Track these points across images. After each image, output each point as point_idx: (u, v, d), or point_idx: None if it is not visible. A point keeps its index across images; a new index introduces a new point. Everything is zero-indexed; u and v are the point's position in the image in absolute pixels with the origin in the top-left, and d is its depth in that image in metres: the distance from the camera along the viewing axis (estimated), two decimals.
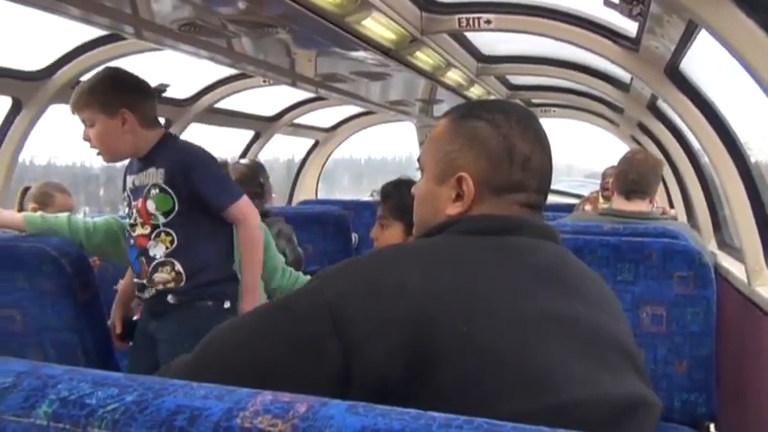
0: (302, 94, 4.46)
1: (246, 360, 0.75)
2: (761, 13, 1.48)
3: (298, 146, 5.73)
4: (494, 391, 0.70)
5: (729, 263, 2.71)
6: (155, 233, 1.80)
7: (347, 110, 5.21)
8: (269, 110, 4.66)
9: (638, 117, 4.02)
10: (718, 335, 2.02)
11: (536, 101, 5.13)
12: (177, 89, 3.50)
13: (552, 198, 2.58)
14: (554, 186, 3.75)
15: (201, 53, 2.51)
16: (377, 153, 11.61)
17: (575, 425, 0.60)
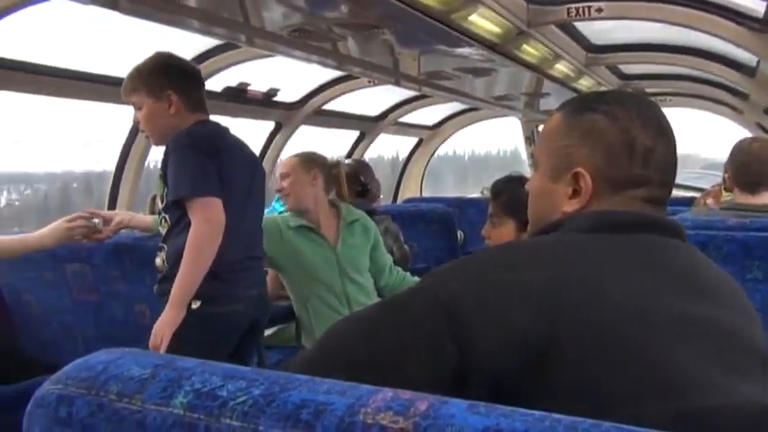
0: (406, 93, 4.48)
1: (365, 354, 0.75)
2: None
3: (402, 144, 5.78)
4: (619, 393, 0.67)
5: None
6: (161, 217, 1.84)
7: (451, 107, 5.18)
8: (374, 110, 4.73)
9: (765, 103, 3.76)
10: None
11: (650, 90, 4.89)
12: (286, 93, 3.62)
13: None
14: None
15: (311, 58, 2.58)
16: (481, 149, 11.42)
17: None
